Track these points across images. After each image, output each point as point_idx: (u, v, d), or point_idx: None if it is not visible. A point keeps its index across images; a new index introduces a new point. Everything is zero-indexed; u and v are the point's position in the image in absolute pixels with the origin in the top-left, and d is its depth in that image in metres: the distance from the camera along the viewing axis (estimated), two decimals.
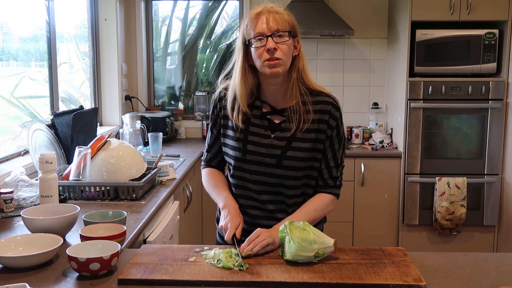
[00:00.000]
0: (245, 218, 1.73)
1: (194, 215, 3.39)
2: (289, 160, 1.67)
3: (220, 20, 4.61)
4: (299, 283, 1.35)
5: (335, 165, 1.73)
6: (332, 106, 1.69)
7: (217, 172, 1.86)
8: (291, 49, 1.63)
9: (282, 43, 1.60)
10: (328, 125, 1.69)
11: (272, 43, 1.58)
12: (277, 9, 1.63)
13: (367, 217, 3.90)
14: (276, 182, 1.70)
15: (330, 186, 1.74)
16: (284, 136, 1.68)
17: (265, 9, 1.62)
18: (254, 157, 1.69)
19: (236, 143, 1.72)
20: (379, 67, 4.32)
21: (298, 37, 1.67)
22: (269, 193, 1.72)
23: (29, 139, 2.49)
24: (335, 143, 1.71)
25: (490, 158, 3.75)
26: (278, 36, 1.59)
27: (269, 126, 1.71)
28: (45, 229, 1.62)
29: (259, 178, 1.70)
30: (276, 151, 1.68)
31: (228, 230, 1.61)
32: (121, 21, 4.07)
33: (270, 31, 1.59)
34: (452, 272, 1.45)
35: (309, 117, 1.67)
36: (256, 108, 1.71)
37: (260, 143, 1.69)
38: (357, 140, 4.12)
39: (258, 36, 1.60)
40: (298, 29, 1.67)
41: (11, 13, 3.06)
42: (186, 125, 4.37)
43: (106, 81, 4.02)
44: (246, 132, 1.71)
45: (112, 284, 1.36)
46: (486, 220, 3.80)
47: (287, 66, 1.64)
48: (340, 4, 4.22)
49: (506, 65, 3.64)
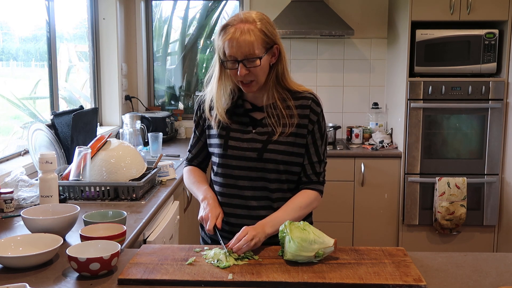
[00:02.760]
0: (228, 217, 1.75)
1: (194, 215, 3.39)
2: (270, 153, 1.68)
3: (220, 20, 4.61)
4: (299, 283, 1.35)
5: (318, 161, 1.74)
6: (312, 101, 1.72)
7: (197, 170, 1.89)
8: (264, 66, 1.63)
9: (253, 67, 1.61)
10: (309, 120, 1.71)
11: (243, 70, 1.60)
12: (248, 27, 1.58)
13: (367, 217, 3.90)
14: (258, 176, 1.71)
15: (314, 182, 1.75)
16: (266, 131, 1.70)
17: (236, 30, 1.57)
18: (235, 152, 1.71)
19: (219, 140, 1.74)
20: (379, 67, 4.32)
21: (277, 43, 1.65)
22: (253, 189, 1.72)
23: (29, 139, 2.49)
24: (318, 139, 1.73)
25: (490, 158, 3.75)
26: (250, 60, 1.59)
27: (251, 123, 1.73)
28: (45, 229, 1.62)
29: (242, 173, 1.72)
30: (257, 144, 1.70)
31: (209, 220, 1.63)
32: (121, 21, 4.07)
33: (241, 57, 1.59)
34: (452, 272, 1.45)
35: (291, 113, 1.69)
36: (238, 106, 1.74)
37: (242, 138, 1.72)
38: (357, 140, 4.12)
39: (230, 60, 1.61)
40: (276, 35, 1.65)
41: (11, 13, 3.06)
42: (186, 125, 4.37)
43: (106, 81, 4.02)
44: (228, 129, 1.74)
45: (112, 284, 1.36)
46: (486, 220, 3.80)
47: (261, 82, 1.66)
48: (340, 4, 4.22)
49: (506, 65, 3.64)
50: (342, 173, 3.85)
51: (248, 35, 1.57)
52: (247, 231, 1.56)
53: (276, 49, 1.65)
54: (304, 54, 4.25)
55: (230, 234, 1.75)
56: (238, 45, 1.57)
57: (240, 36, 1.57)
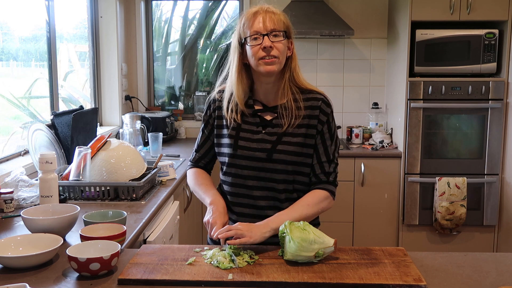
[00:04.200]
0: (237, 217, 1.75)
1: (194, 215, 3.39)
2: (279, 154, 1.68)
3: (220, 20, 4.62)
4: (299, 283, 1.35)
5: (327, 160, 1.73)
6: (322, 102, 1.72)
7: (204, 173, 1.88)
8: (286, 48, 1.67)
9: (277, 42, 1.63)
10: (319, 120, 1.71)
11: (268, 42, 1.62)
12: (273, 10, 1.67)
13: (367, 217, 3.90)
14: (267, 177, 1.71)
15: (323, 182, 1.73)
16: (275, 132, 1.70)
17: (261, 9, 1.66)
18: (245, 152, 1.71)
19: (229, 140, 1.74)
20: (379, 67, 4.32)
21: (292, 38, 1.70)
22: (261, 189, 1.72)
23: (29, 139, 2.49)
24: (327, 139, 1.73)
25: (490, 158, 3.75)
26: (274, 35, 1.63)
27: (261, 123, 1.73)
28: (45, 229, 1.62)
29: (251, 173, 1.72)
30: (267, 145, 1.70)
31: (215, 226, 1.62)
32: (121, 21, 4.07)
33: (266, 30, 1.62)
34: (452, 272, 1.45)
35: (300, 113, 1.69)
36: (249, 106, 1.74)
37: (251, 139, 1.72)
38: (357, 140, 4.12)
39: (254, 35, 1.63)
40: (293, 31, 1.71)
41: (11, 13, 3.06)
42: (186, 125, 4.38)
43: (106, 81, 4.02)
44: (238, 129, 1.73)
45: (112, 284, 1.36)
46: (486, 220, 3.80)
47: (282, 64, 1.67)
48: (340, 4, 4.22)
49: (506, 65, 3.64)
50: (342, 173, 3.85)
51: (274, 14, 1.65)
52: (239, 224, 1.57)
53: (291, 43, 1.70)
54: (304, 54, 4.25)
55: None
56: (264, 20, 1.63)
57: (266, 13, 1.64)
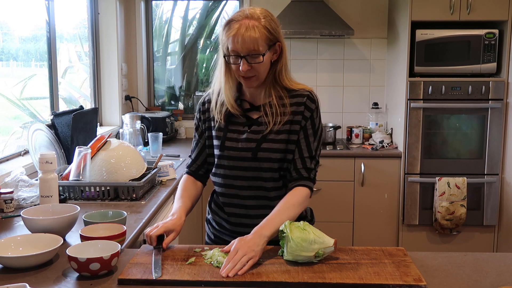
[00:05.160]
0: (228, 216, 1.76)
1: (194, 215, 3.39)
2: (264, 152, 1.68)
3: (220, 20, 4.61)
4: (299, 283, 1.35)
5: (309, 156, 1.70)
6: (307, 98, 1.71)
7: (188, 182, 1.84)
8: (266, 63, 1.64)
9: (256, 63, 1.61)
10: (303, 116, 1.70)
11: (246, 65, 1.60)
12: (253, 24, 1.58)
13: (367, 217, 3.90)
14: (254, 175, 1.70)
15: (304, 178, 1.69)
16: (260, 130, 1.70)
17: (241, 26, 1.57)
18: (231, 153, 1.71)
19: (217, 141, 1.75)
20: (379, 67, 4.32)
21: (280, 41, 1.66)
22: (249, 188, 1.72)
23: (29, 139, 2.49)
24: (310, 135, 1.71)
25: (490, 158, 3.74)
26: (252, 56, 1.60)
27: (247, 122, 1.73)
28: (45, 229, 1.62)
29: (238, 173, 1.72)
30: (252, 144, 1.69)
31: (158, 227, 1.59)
32: (121, 21, 4.07)
33: (243, 52, 1.59)
34: (452, 272, 1.45)
35: (286, 110, 1.68)
36: (237, 106, 1.73)
37: (238, 139, 1.72)
38: (357, 140, 4.12)
39: (233, 55, 1.61)
40: (279, 33, 1.65)
41: (11, 13, 3.06)
42: (186, 125, 4.37)
43: (106, 81, 4.02)
44: (226, 130, 1.73)
45: (112, 284, 1.36)
46: (486, 220, 3.80)
47: (262, 78, 1.66)
48: (340, 4, 4.22)
49: (506, 65, 3.64)
50: (342, 173, 3.85)
51: (253, 32, 1.58)
52: (237, 248, 1.45)
53: (278, 46, 1.66)
54: (304, 54, 4.25)
55: (232, 233, 1.77)
56: (243, 41, 1.57)
57: (245, 32, 1.57)
